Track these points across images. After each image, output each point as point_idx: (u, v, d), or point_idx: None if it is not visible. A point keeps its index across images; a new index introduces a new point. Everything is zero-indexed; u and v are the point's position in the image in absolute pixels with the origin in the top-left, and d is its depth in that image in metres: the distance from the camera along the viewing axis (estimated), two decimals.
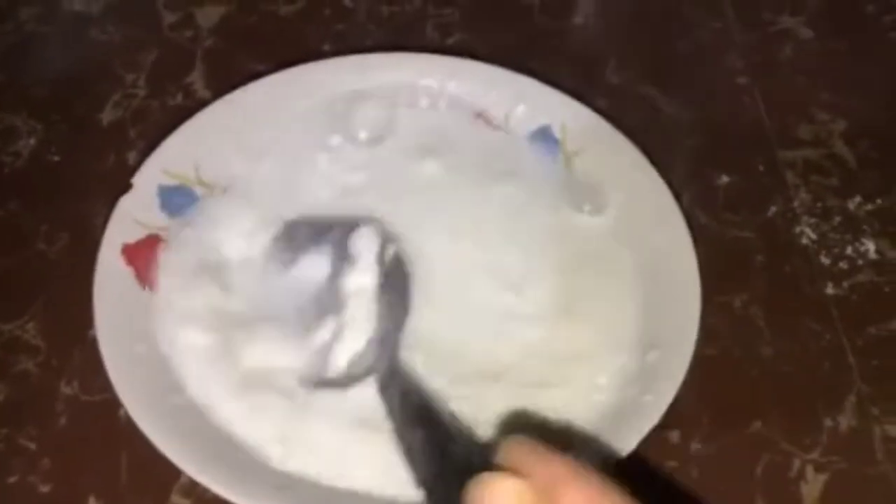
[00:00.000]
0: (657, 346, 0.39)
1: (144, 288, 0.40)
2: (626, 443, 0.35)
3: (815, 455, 0.39)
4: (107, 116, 0.49)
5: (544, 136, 0.46)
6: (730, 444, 0.39)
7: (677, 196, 0.43)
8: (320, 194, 0.44)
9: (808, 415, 0.40)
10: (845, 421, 0.40)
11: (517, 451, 0.25)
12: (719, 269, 0.42)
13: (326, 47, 0.52)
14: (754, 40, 0.54)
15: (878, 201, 0.47)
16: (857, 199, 0.48)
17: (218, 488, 0.33)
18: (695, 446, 0.39)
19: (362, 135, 0.46)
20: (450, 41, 0.53)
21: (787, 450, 0.39)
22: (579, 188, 0.44)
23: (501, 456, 0.25)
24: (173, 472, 0.34)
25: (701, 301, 0.39)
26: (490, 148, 0.46)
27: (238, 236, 0.42)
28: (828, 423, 0.40)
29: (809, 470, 0.39)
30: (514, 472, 0.24)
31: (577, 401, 0.38)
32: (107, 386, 0.36)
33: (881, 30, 0.54)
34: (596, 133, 0.45)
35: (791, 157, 0.49)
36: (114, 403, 0.36)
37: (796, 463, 0.39)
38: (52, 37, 0.53)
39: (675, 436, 0.39)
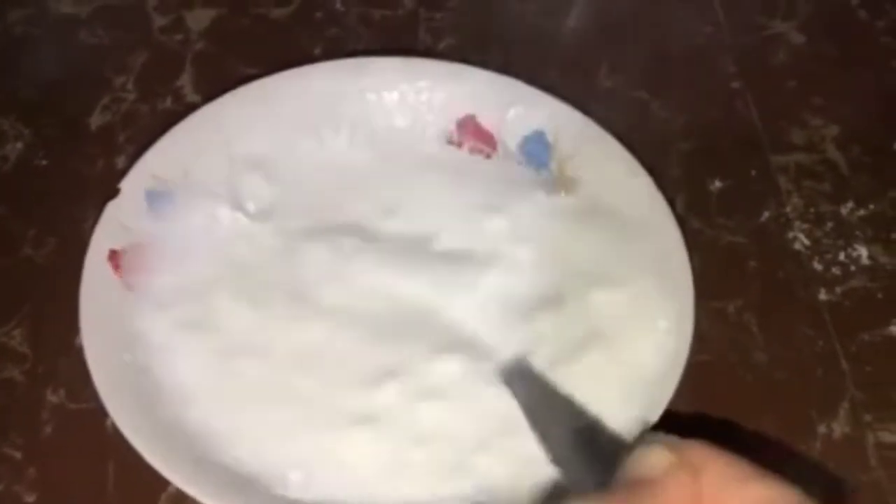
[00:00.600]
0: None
1: (132, 294, 0.39)
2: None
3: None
4: (95, 120, 0.49)
5: (537, 141, 0.46)
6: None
7: (670, 201, 0.43)
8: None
9: (802, 421, 0.40)
10: (839, 428, 0.40)
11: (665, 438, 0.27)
12: (713, 274, 0.42)
13: (318, 51, 0.52)
14: (747, 45, 0.54)
15: (871, 207, 0.47)
16: (850, 204, 0.47)
17: (206, 499, 0.33)
18: None
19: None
20: (441, 45, 0.53)
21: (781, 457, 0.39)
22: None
23: (652, 440, 0.27)
24: (161, 482, 0.34)
25: (694, 307, 0.39)
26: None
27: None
28: (821, 429, 0.40)
29: (805, 475, 0.39)
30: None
31: None
32: (94, 394, 0.36)
33: (874, 35, 0.54)
34: (589, 138, 0.45)
35: (784, 161, 0.49)
36: (101, 412, 0.36)
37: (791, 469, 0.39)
38: (41, 39, 0.53)
39: None
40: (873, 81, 0.53)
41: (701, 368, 0.39)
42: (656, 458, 0.25)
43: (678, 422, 0.38)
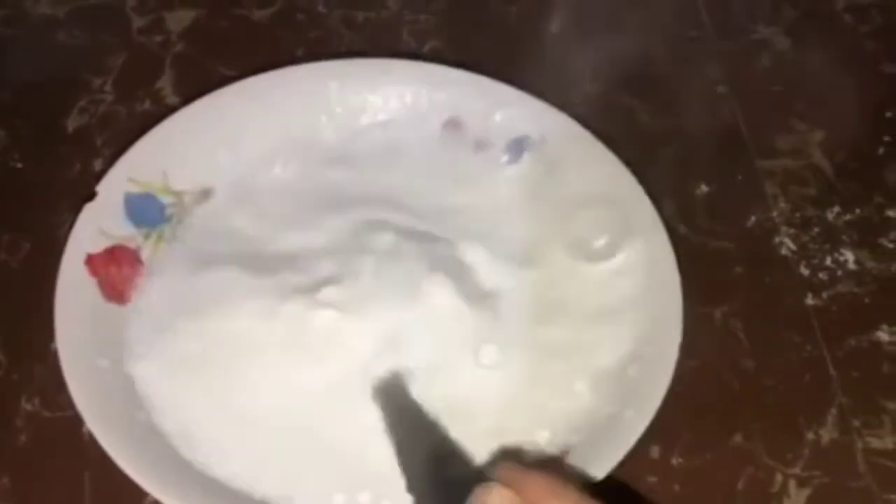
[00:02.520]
0: (638, 360, 0.38)
1: (109, 300, 0.38)
2: (608, 458, 0.34)
3: (797, 469, 0.39)
4: (72, 122, 0.48)
5: (523, 144, 0.45)
6: (711, 458, 0.39)
7: (657, 206, 0.42)
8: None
9: (790, 428, 0.40)
10: (827, 434, 0.40)
11: (509, 471, 0.29)
12: (700, 280, 0.42)
13: (300, 53, 0.51)
14: (732, 50, 0.54)
15: (857, 211, 0.47)
16: (836, 209, 0.47)
17: None
18: (676, 461, 0.39)
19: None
20: (426, 48, 0.52)
21: (768, 464, 0.39)
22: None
23: (496, 474, 0.29)
24: (138, 492, 0.33)
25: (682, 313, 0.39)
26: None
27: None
28: (810, 436, 0.40)
29: (792, 485, 0.38)
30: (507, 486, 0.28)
31: (557, 413, 0.37)
32: (70, 402, 0.35)
33: (859, 39, 0.54)
34: (576, 142, 0.44)
35: (769, 166, 0.49)
36: (77, 420, 0.35)
37: (778, 477, 0.38)
38: (17, 40, 0.52)
39: (655, 450, 0.39)
40: (858, 86, 0.53)
41: (688, 375, 0.39)
42: (495, 500, 0.27)
43: (666, 429, 0.37)
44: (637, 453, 0.35)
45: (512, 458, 0.36)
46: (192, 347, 0.38)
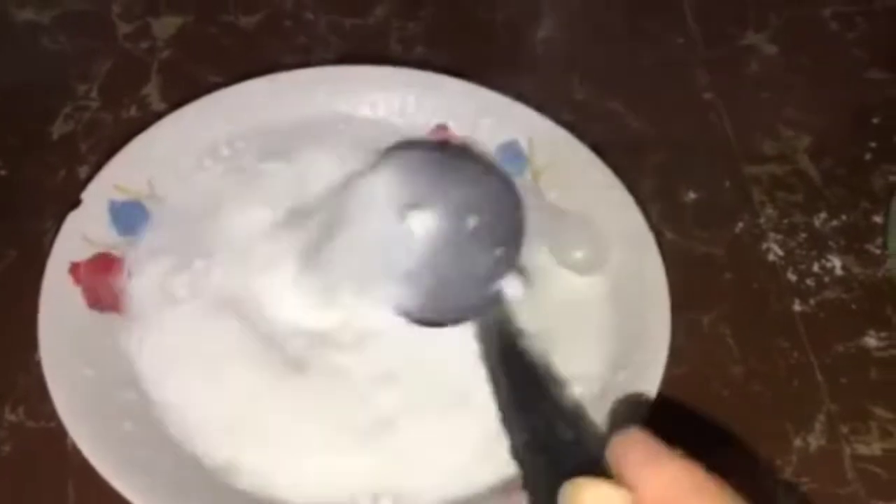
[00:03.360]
0: (626, 367, 0.38)
1: (94, 308, 0.38)
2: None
3: (785, 476, 0.39)
4: (57, 129, 0.48)
5: (511, 151, 0.45)
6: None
7: (644, 212, 0.42)
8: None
9: (778, 435, 0.40)
10: (815, 441, 0.40)
11: (630, 451, 0.22)
12: (687, 286, 0.42)
13: (287, 60, 0.51)
14: (719, 56, 0.54)
15: (844, 217, 0.47)
16: (823, 215, 0.47)
17: None
18: None
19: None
20: (413, 55, 0.52)
21: (757, 471, 0.39)
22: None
23: (611, 452, 0.22)
24: (123, 502, 0.33)
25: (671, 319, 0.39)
26: None
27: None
28: (798, 443, 0.40)
29: (780, 491, 0.38)
30: (618, 478, 0.21)
31: None
32: (54, 412, 0.34)
33: (845, 47, 0.55)
34: (564, 149, 0.44)
35: (757, 172, 0.49)
36: (61, 431, 0.34)
37: (767, 485, 0.38)
38: (2, 46, 0.52)
39: None
40: (844, 93, 0.53)
41: (676, 382, 0.39)
42: (597, 493, 0.22)
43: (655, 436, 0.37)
44: None
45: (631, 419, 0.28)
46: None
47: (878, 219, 0.47)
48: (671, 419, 0.38)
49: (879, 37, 0.55)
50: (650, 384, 0.36)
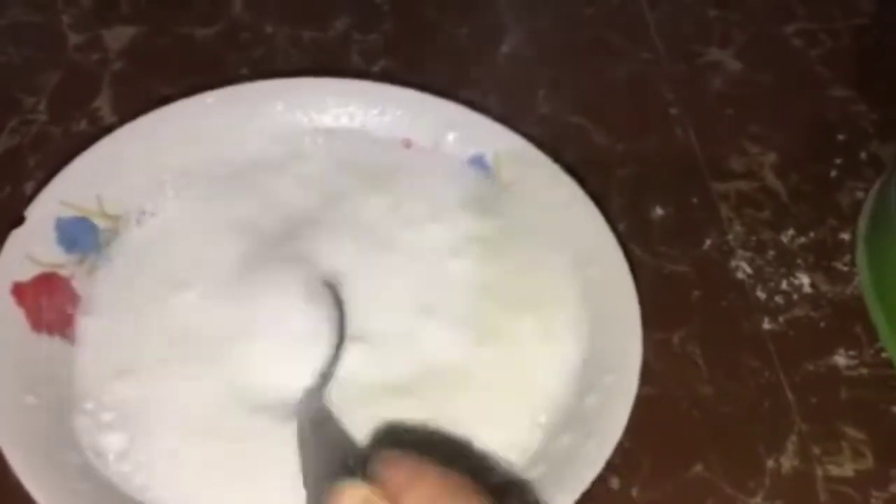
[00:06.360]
0: (596, 389, 0.37)
1: (38, 331, 0.36)
2: (567, 491, 0.33)
3: (758, 499, 0.38)
4: (3, 143, 0.46)
5: (478, 165, 0.44)
6: (672, 489, 0.38)
7: (613, 229, 0.41)
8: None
9: (750, 456, 0.39)
10: (787, 462, 0.39)
11: (382, 460, 0.25)
12: (656, 304, 0.41)
13: (245, 72, 0.50)
14: (684, 72, 0.53)
15: (811, 234, 0.47)
16: (791, 231, 0.47)
17: None
18: (636, 492, 0.37)
19: None
20: (375, 68, 0.51)
21: (730, 494, 0.38)
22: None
23: (370, 466, 0.25)
24: None
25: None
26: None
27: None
28: (770, 464, 0.39)
29: None
30: (370, 479, 0.25)
31: (514, 443, 0.36)
32: None
33: (808, 64, 0.54)
34: (530, 163, 0.43)
35: (724, 189, 0.48)
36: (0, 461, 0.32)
37: None
38: None
39: (615, 482, 0.37)
40: (809, 110, 0.53)
41: (646, 403, 0.38)
42: (352, 492, 0.24)
43: (625, 459, 0.36)
44: (596, 486, 0.34)
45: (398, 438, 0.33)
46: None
47: (845, 235, 0.47)
48: (642, 441, 0.38)
49: (842, 54, 0.55)
50: (622, 406, 0.35)
